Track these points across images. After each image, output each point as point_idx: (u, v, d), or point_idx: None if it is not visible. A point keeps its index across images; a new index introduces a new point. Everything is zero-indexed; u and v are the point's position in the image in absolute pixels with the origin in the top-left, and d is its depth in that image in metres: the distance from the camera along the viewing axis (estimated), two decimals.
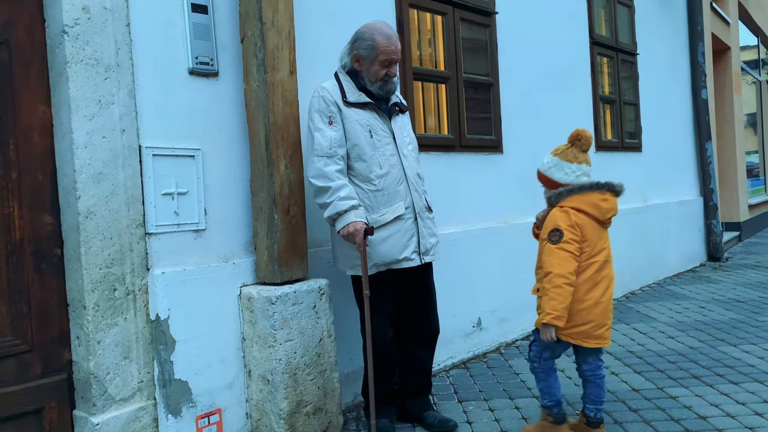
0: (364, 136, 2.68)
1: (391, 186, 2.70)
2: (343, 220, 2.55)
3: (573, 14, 5.31)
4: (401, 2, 3.65)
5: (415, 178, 2.79)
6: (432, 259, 2.82)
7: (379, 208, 2.68)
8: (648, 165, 6.40)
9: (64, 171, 2.33)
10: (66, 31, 2.26)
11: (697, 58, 7.37)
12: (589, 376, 2.61)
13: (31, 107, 2.33)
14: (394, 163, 2.72)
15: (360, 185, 2.68)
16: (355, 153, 2.68)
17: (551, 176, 2.61)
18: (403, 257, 2.70)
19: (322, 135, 2.62)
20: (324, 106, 2.66)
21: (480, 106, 4.28)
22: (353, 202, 2.56)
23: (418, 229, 2.75)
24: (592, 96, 5.52)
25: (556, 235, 2.46)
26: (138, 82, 2.46)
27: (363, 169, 2.68)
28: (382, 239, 2.67)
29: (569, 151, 2.60)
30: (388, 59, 2.70)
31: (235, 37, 2.77)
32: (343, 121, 2.67)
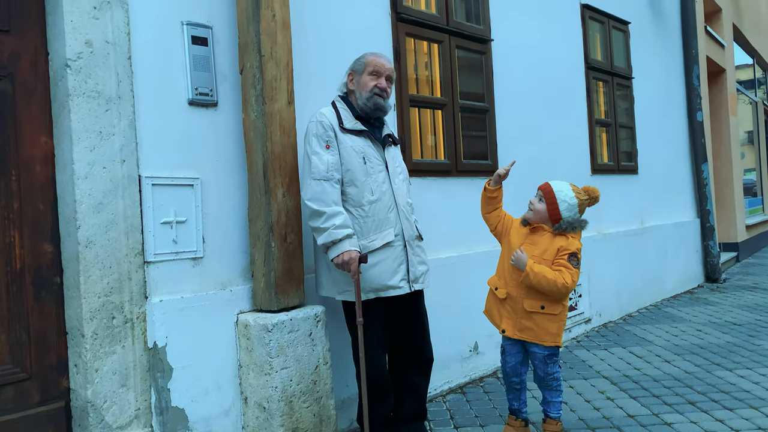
0: (358, 162, 2.73)
1: (381, 212, 2.74)
2: (337, 249, 2.59)
3: (568, 40, 5.40)
4: (398, 31, 3.73)
5: (405, 206, 2.83)
6: (422, 287, 2.85)
7: (369, 234, 2.72)
8: (644, 187, 6.45)
9: (65, 201, 2.37)
10: (69, 65, 2.32)
11: (693, 81, 7.45)
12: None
13: (34, 138, 2.39)
14: (385, 190, 2.77)
15: (351, 210, 2.73)
16: (348, 178, 2.73)
17: (561, 210, 2.81)
18: (392, 284, 2.73)
19: (320, 159, 2.68)
20: (322, 131, 2.72)
21: (476, 132, 4.33)
22: (348, 230, 2.60)
23: (407, 257, 2.79)
24: (587, 120, 5.58)
25: (574, 259, 2.76)
26: (138, 113, 2.51)
27: (355, 195, 2.73)
28: (371, 265, 2.70)
29: (584, 205, 2.86)
30: (376, 70, 2.81)
31: (234, 67, 2.83)
32: (338, 147, 2.72)
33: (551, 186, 2.85)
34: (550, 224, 2.82)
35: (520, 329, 2.82)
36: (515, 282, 2.81)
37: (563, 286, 2.70)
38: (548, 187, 2.84)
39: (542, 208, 2.83)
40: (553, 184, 2.86)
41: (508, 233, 2.94)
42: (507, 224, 2.97)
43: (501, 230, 2.98)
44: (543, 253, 2.78)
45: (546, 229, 2.83)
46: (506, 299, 2.86)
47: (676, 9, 7.45)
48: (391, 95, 2.91)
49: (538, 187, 2.89)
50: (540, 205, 2.83)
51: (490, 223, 3.02)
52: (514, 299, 2.83)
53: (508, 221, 2.98)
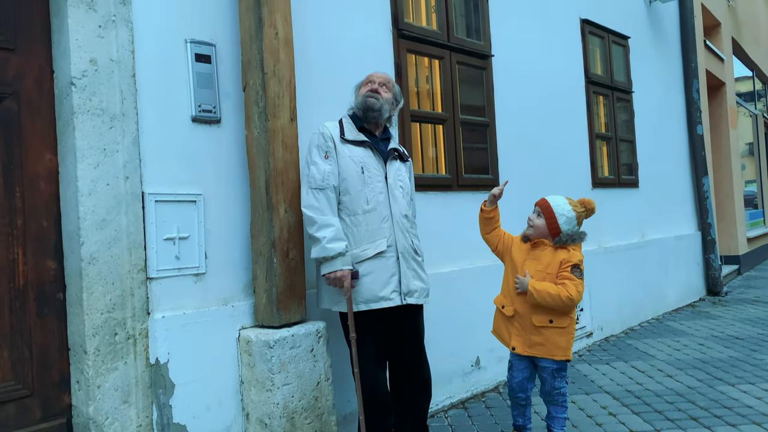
0: (356, 172, 2.77)
1: (375, 222, 2.77)
2: (329, 266, 2.63)
3: (568, 54, 5.43)
4: (399, 48, 3.76)
5: (401, 219, 2.84)
6: (416, 301, 2.83)
7: (362, 243, 2.75)
8: (645, 200, 6.46)
9: (69, 217, 2.39)
10: (74, 83, 2.34)
11: (692, 95, 7.49)
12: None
13: (38, 155, 2.40)
14: (381, 200, 2.80)
15: (345, 219, 2.76)
16: (344, 187, 2.77)
17: (560, 224, 2.85)
18: (382, 295, 2.74)
19: (317, 168, 2.73)
20: (322, 141, 2.78)
21: (477, 146, 4.36)
22: (339, 247, 2.62)
23: (400, 269, 2.79)
24: (588, 134, 5.61)
25: (577, 270, 2.80)
26: (142, 130, 2.53)
27: (350, 203, 2.76)
28: (364, 275, 2.73)
29: (582, 217, 2.90)
30: (369, 80, 2.94)
31: (237, 84, 2.86)
32: (337, 157, 2.77)
33: (548, 201, 2.89)
34: (551, 238, 2.86)
35: (530, 345, 2.84)
36: (521, 298, 2.82)
37: (568, 299, 2.72)
38: (545, 202, 2.88)
39: (541, 223, 2.85)
40: (549, 199, 2.90)
41: (510, 251, 2.96)
42: (507, 242, 3.00)
43: (502, 249, 3.01)
44: (546, 267, 2.82)
45: (547, 243, 2.86)
46: (514, 316, 2.87)
47: (675, 23, 7.50)
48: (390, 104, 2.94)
49: (536, 203, 2.93)
50: (539, 220, 2.86)
51: (491, 243, 3.05)
52: (522, 315, 2.85)
53: (508, 239, 3.01)
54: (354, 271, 2.66)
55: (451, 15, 4.15)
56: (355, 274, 2.65)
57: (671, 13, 7.41)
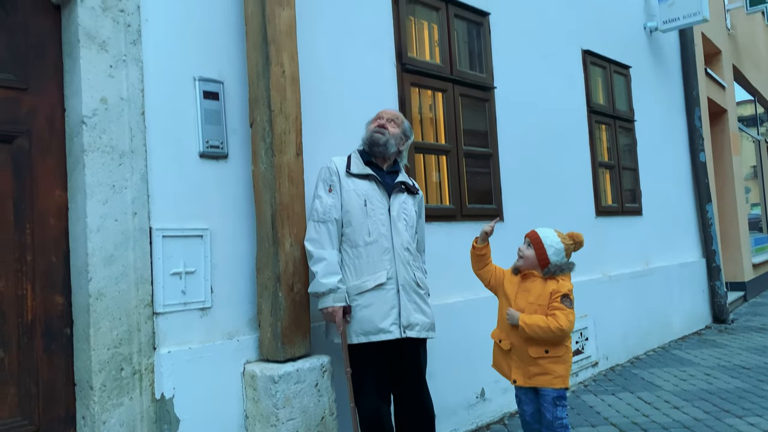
0: (358, 204, 2.83)
1: (376, 254, 2.80)
2: (322, 302, 2.70)
3: (570, 84, 5.50)
4: (403, 82, 3.82)
5: (402, 251, 2.86)
6: (417, 335, 2.83)
7: (362, 275, 2.78)
8: (649, 228, 6.47)
9: (77, 253, 2.42)
10: (84, 122, 2.40)
11: (694, 122, 7.54)
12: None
13: (48, 192, 2.45)
14: (383, 232, 2.83)
15: (347, 250, 2.81)
16: (347, 219, 2.82)
17: (549, 255, 2.90)
18: (382, 327, 2.76)
19: (320, 201, 2.80)
20: (327, 175, 2.86)
21: (480, 176, 4.39)
22: (331, 283, 2.67)
23: (400, 302, 2.81)
24: (591, 162, 5.64)
25: (567, 300, 2.82)
26: (150, 166, 2.58)
27: (351, 234, 2.81)
28: (364, 306, 2.76)
29: (570, 249, 2.94)
30: (379, 116, 3.02)
31: (244, 120, 2.91)
32: (341, 190, 2.82)
33: (537, 233, 2.95)
34: (540, 269, 2.91)
35: (529, 376, 2.86)
36: (516, 331, 2.84)
37: (558, 329, 2.75)
38: (535, 234, 2.94)
39: (531, 254, 2.91)
40: (539, 231, 2.96)
41: (502, 285, 3.01)
42: (499, 277, 3.04)
43: (495, 284, 3.06)
44: (537, 299, 2.86)
45: (536, 274, 2.91)
46: (511, 350, 2.90)
47: (676, 52, 7.58)
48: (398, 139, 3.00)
49: (525, 234, 2.97)
50: (528, 251, 2.91)
51: (483, 279, 3.09)
52: (518, 348, 2.87)
53: (500, 274, 3.05)
54: (346, 306, 2.69)
55: (454, 48, 4.22)
56: (347, 310, 2.70)
57: (672, 42, 7.49)
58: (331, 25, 3.37)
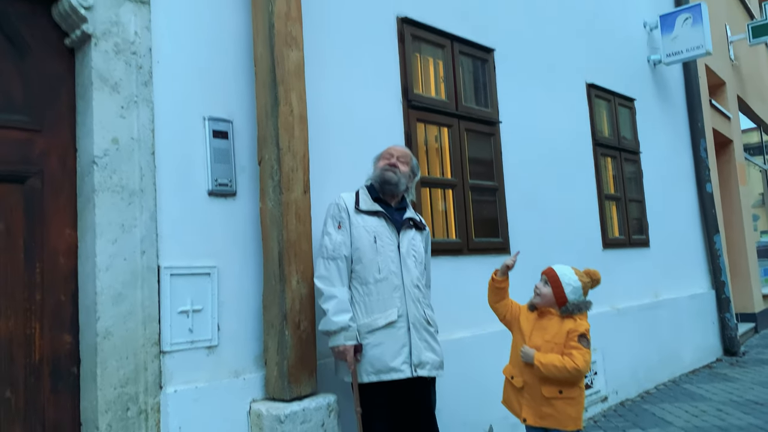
0: (368, 241, 2.83)
1: (386, 291, 2.80)
2: (333, 340, 2.69)
3: (575, 118, 5.54)
4: (409, 118, 3.86)
5: (413, 289, 2.86)
6: (428, 373, 2.82)
7: (373, 312, 2.77)
8: (657, 260, 6.43)
9: (86, 292, 2.43)
10: (96, 162, 2.43)
11: (700, 154, 7.55)
12: None
13: (59, 230, 2.48)
14: (393, 269, 2.83)
15: (357, 287, 2.81)
16: (357, 256, 2.82)
17: (566, 293, 2.87)
18: (393, 366, 2.74)
19: (330, 238, 2.81)
20: (336, 212, 2.87)
21: (486, 210, 4.40)
22: (342, 321, 2.66)
23: (410, 340, 2.79)
24: (597, 195, 5.65)
25: (584, 340, 2.79)
26: (160, 205, 2.60)
27: (361, 271, 2.81)
28: (375, 344, 2.74)
29: (587, 287, 2.92)
30: (388, 153, 3.04)
31: (252, 158, 2.94)
32: (351, 226, 2.83)
33: (555, 270, 2.91)
34: (557, 307, 2.88)
35: (541, 417, 2.82)
36: (530, 369, 2.81)
37: (574, 370, 2.71)
38: (552, 271, 2.91)
39: (548, 292, 2.88)
40: (556, 268, 2.93)
41: (518, 321, 2.97)
42: (515, 312, 3.01)
43: (510, 319, 3.03)
44: (554, 337, 2.82)
45: (553, 312, 2.88)
46: (524, 387, 2.85)
47: (680, 84, 7.64)
48: (407, 177, 3.03)
49: (542, 272, 2.95)
50: (546, 289, 2.88)
51: (499, 313, 3.07)
52: (531, 386, 2.83)
53: (516, 309, 3.02)
54: (357, 344, 2.68)
55: (459, 84, 4.27)
56: (358, 348, 2.69)
57: (676, 74, 7.55)
58: (338, 63, 3.43)
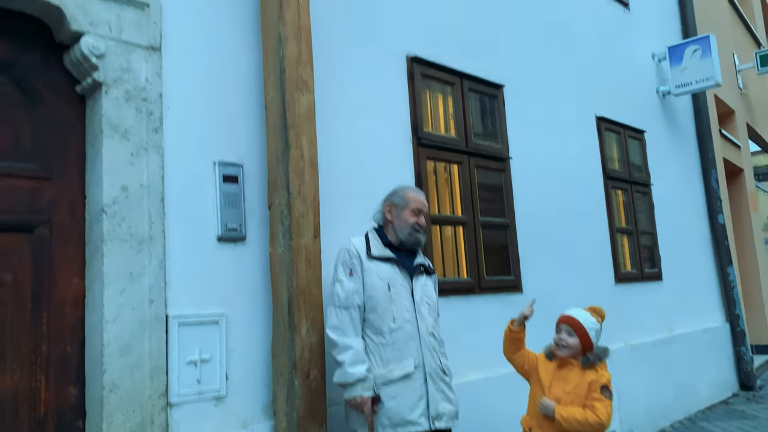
0: (382, 289, 2.75)
1: (401, 341, 2.72)
2: (350, 392, 2.60)
3: (586, 151, 5.50)
4: (419, 156, 3.84)
5: (428, 338, 2.80)
6: (444, 425, 2.74)
7: (389, 363, 2.69)
8: (670, 293, 6.33)
9: (93, 343, 2.39)
10: (105, 210, 2.41)
11: (711, 184, 7.49)
12: None
13: (66, 280, 2.44)
14: (408, 318, 2.76)
15: (372, 337, 2.72)
16: (371, 305, 2.74)
17: (591, 338, 2.83)
18: (410, 419, 2.66)
19: (342, 286, 2.72)
20: (347, 258, 2.78)
21: (497, 247, 4.35)
22: (359, 373, 2.58)
23: (428, 391, 2.72)
24: (608, 228, 5.58)
25: (607, 391, 2.72)
26: (168, 252, 2.57)
27: (376, 321, 2.72)
28: (391, 397, 2.66)
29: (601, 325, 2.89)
30: (417, 208, 2.90)
31: (262, 202, 2.92)
32: (363, 274, 2.75)
33: (575, 318, 2.84)
34: (580, 357, 2.80)
35: None
36: (550, 422, 2.73)
37: (597, 424, 2.63)
38: (574, 320, 2.83)
39: (575, 342, 2.80)
40: (575, 316, 2.86)
41: (536, 371, 2.89)
42: (533, 362, 2.94)
43: (528, 369, 2.95)
44: (575, 388, 2.75)
45: (574, 363, 2.80)
46: None
47: (689, 114, 7.60)
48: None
49: (560, 321, 2.87)
50: (572, 339, 2.80)
51: (516, 364, 2.99)
52: None
53: (533, 359, 2.95)
54: (375, 396, 2.60)
55: (469, 121, 4.25)
56: (376, 399, 2.60)
57: (685, 105, 7.53)
58: (348, 104, 3.41)
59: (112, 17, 2.53)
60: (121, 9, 2.56)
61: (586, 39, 5.77)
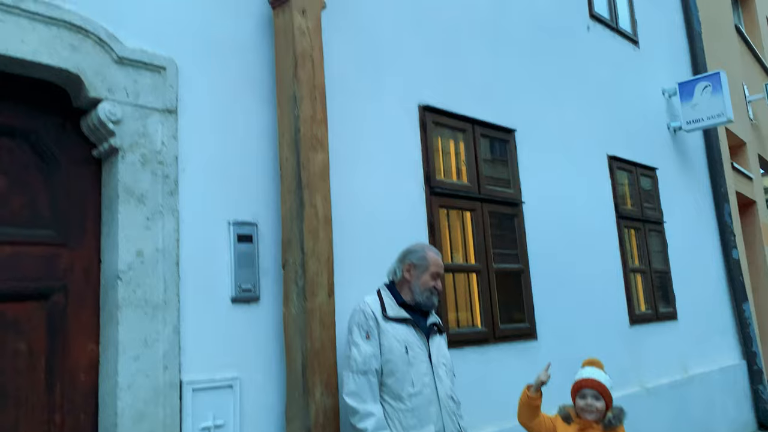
0: (399, 352, 2.69)
1: (422, 406, 2.66)
2: None
3: (598, 191, 5.47)
4: (432, 205, 3.82)
5: (447, 401, 2.75)
6: None
7: (408, 429, 2.62)
8: (685, 333, 6.24)
9: (106, 412, 2.36)
10: (120, 277, 2.40)
11: (725, 219, 7.42)
12: None
13: (81, 346, 2.43)
14: (427, 382, 2.70)
15: (390, 402, 2.65)
16: (389, 368, 2.68)
17: (612, 395, 2.84)
18: None
19: (359, 350, 2.66)
20: (363, 320, 2.72)
21: (512, 294, 4.30)
22: None
23: None
24: (622, 269, 5.53)
25: None
26: (183, 316, 2.56)
27: (394, 385, 2.66)
28: None
29: None
30: (437, 272, 2.86)
31: (276, 260, 2.90)
32: (379, 336, 2.70)
33: (599, 381, 2.85)
34: (602, 418, 2.79)
35: None
36: None
37: None
38: (599, 384, 2.84)
39: (602, 405, 2.82)
40: (598, 378, 2.87)
41: None
42: (550, 427, 2.89)
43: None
44: None
45: (596, 427, 2.77)
46: None
47: (701, 149, 7.56)
48: None
49: (585, 386, 2.83)
50: (600, 403, 2.82)
51: (533, 431, 2.93)
52: None
53: (550, 424, 2.91)
54: None
55: (481, 166, 4.24)
56: None
57: (696, 139, 7.49)
58: (361, 158, 3.41)
59: (129, 82, 2.55)
60: (138, 74, 2.58)
61: (597, 79, 5.78)
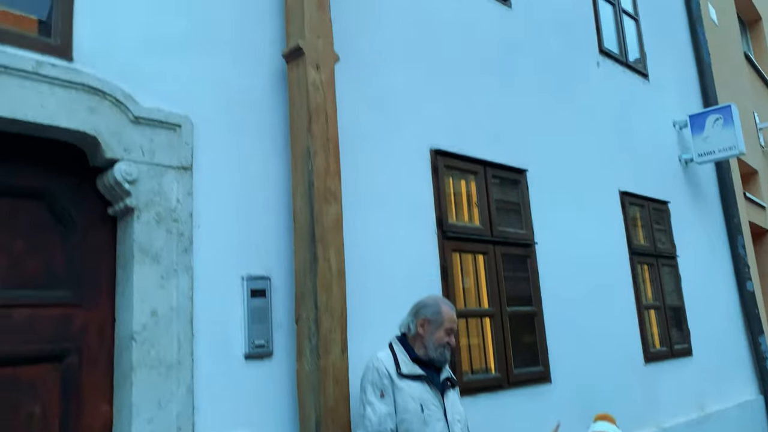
0: (415, 410, 2.65)
1: None
2: None
3: (610, 228, 5.44)
4: (444, 249, 3.80)
5: None
6: None
7: None
8: (701, 369, 6.14)
9: None
10: (134, 338, 2.39)
11: (738, 251, 7.35)
12: None
13: (94, 407, 2.41)
14: None
15: None
16: (404, 428, 2.63)
17: None
18: None
19: (373, 410, 2.62)
20: (377, 378, 2.68)
21: (525, 337, 4.26)
22: None
23: None
24: (636, 306, 5.47)
25: None
26: (196, 376, 2.54)
27: None
28: None
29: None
30: (451, 328, 2.81)
31: (290, 314, 2.89)
32: (394, 393, 2.66)
33: None
34: None
35: None
36: None
37: None
38: None
39: None
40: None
41: None
42: None
43: None
44: None
45: None
46: None
47: (713, 180, 7.52)
48: None
49: None
50: None
51: None
52: None
53: None
54: None
55: (493, 208, 4.23)
56: None
57: (708, 170, 7.45)
58: (374, 206, 3.40)
59: (145, 141, 2.57)
60: (154, 133, 2.60)
61: (607, 114, 5.78)
